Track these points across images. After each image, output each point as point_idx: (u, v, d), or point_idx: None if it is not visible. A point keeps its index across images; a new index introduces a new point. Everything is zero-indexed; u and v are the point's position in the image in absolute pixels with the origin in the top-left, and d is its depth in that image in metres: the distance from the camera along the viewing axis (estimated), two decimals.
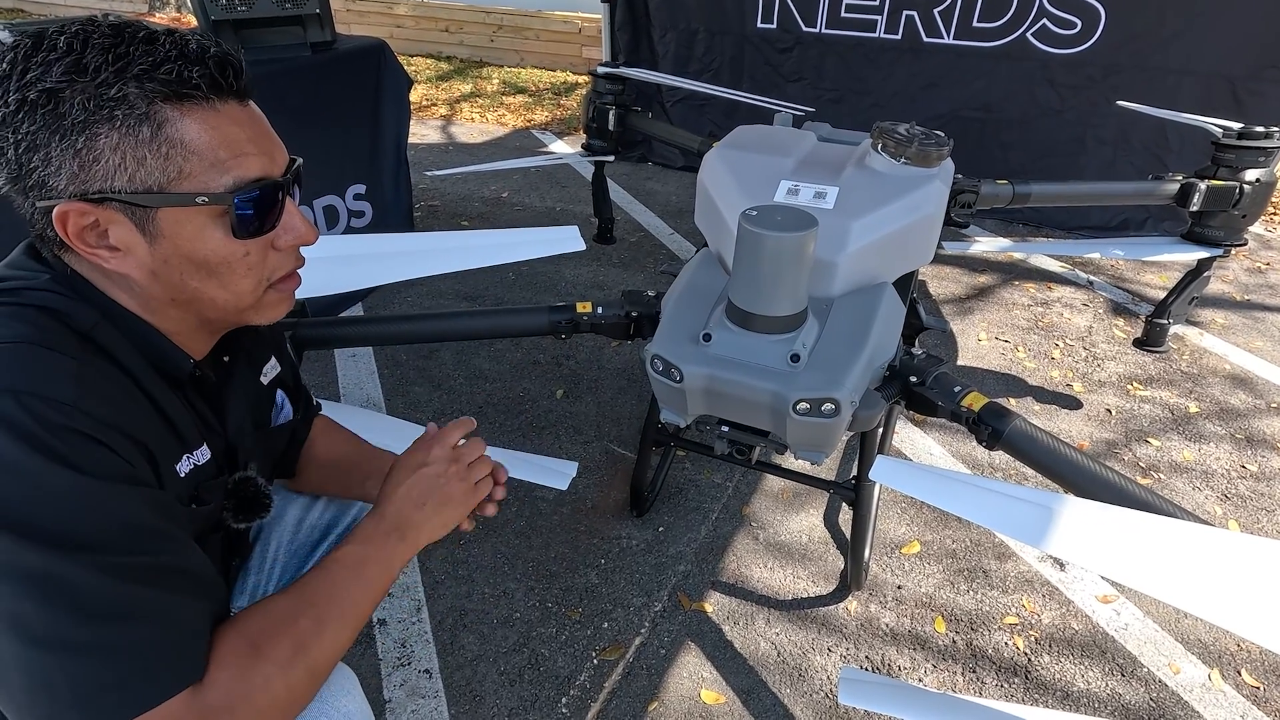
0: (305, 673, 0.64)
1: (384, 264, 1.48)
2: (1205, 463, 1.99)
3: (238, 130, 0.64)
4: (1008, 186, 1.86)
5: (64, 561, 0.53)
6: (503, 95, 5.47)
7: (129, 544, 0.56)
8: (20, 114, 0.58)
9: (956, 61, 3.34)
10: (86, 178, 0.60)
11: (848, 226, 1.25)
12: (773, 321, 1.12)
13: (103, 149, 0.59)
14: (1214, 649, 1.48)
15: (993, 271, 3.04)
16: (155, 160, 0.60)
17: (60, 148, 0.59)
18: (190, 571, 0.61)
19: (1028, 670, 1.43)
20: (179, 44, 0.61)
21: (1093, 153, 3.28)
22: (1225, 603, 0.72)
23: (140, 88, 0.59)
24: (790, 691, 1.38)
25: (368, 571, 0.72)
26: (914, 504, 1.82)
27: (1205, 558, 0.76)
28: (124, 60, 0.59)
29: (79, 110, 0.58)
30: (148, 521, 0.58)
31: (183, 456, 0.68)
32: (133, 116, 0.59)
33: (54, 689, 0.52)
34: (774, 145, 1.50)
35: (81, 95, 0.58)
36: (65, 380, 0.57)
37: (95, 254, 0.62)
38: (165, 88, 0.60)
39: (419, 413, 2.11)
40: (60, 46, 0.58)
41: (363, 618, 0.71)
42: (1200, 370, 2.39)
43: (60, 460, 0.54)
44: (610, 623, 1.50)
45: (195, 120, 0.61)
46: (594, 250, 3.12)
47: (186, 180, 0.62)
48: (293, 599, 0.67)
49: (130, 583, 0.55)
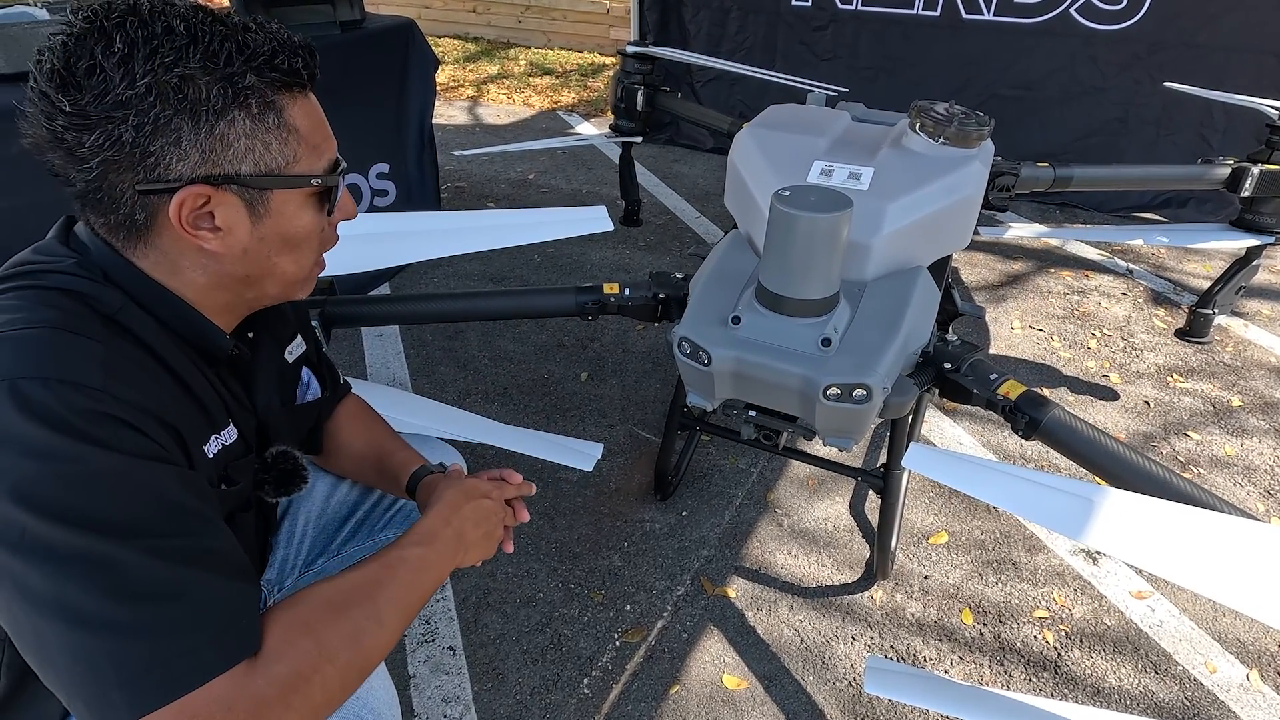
0: (357, 662, 0.64)
1: (411, 242, 1.48)
2: (1247, 458, 1.92)
3: (320, 117, 0.70)
4: (1049, 170, 1.80)
5: (104, 542, 0.53)
6: (529, 76, 5.44)
7: (167, 525, 0.56)
8: (152, 97, 0.58)
9: (997, 39, 3.24)
10: (215, 161, 0.62)
11: (883, 208, 1.22)
12: (804, 305, 1.10)
13: (237, 134, 0.62)
14: (1253, 649, 1.44)
15: (1027, 258, 2.97)
16: (278, 145, 0.64)
17: (194, 132, 0.60)
18: (224, 552, 0.61)
19: (1057, 665, 1.41)
20: (275, 35, 0.64)
21: (1135, 132, 3.18)
22: (1272, 600, 0.69)
23: (263, 77, 0.62)
24: (813, 679, 1.37)
25: (427, 575, 0.73)
26: (941, 493, 1.79)
27: (1252, 553, 0.73)
28: (248, 50, 0.61)
29: (216, 97, 0.60)
30: (184, 501, 0.58)
31: (210, 438, 0.69)
32: (262, 104, 0.63)
33: (99, 669, 0.52)
34: (807, 125, 1.46)
35: (219, 83, 0.60)
36: (92, 365, 0.57)
37: (198, 235, 0.63)
38: (284, 77, 0.64)
39: (445, 393, 2.12)
40: (179, 31, 0.59)
41: (414, 614, 0.71)
42: (1244, 363, 2.31)
43: (94, 443, 0.54)
44: (633, 605, 1.50)
45: (300, 108, 0.66)
46: (620, 232, 3.10)
47: (299, 163, 0.66)
48: (351, 587, 0.66)
49: (171, 562, 0.55)
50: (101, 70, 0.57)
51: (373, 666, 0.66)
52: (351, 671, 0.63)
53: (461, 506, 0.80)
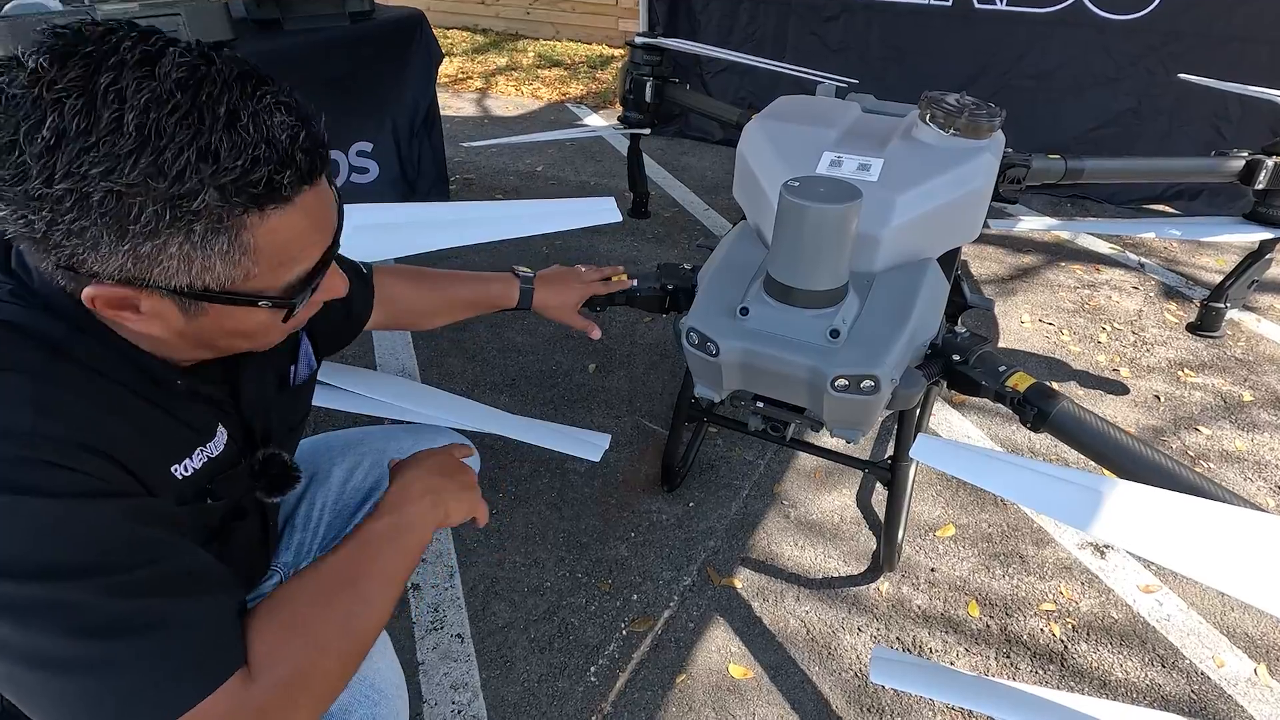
0: (353, 647, 0.64)
1: (419, 233, 1.48)
2: (1258, 453, 1.91)
3: (307, 222, 0.59)
4: (1060, 162, 1.79)
5: (57, 588, 0.51)
6: (538, 68, 5.43)
7: (119, 559, 0.54)
8: (68, 203, 0.49)
9: (1010, 29, 3.21)
10: (140, 272, 0.54)
11: (892, 200, 1.21)
12: (813, 296, 1.10)
13: (170, 254, 0.53)
14: (1261, 643, 1.43)
15: (1037, 252, 2.95)
16: (223, 266, 0.56)
17: (116, 245, 0.52)
18: (195, 571, 0.58)
19: (1064, 658, 1.41)
20: (266, 133, 0.53)
21: (1148, 123, 3.15)
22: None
23: (224, 200, 0.52)
24: (819, 669, 1.37)
25: (406, 541, 0.72)
26: (948, 486, 1.79)
27: (1262, 546, 0.73)
28: (210, 162, 0.51)
29: (150, 218, 0.51)
30: (133, 532, 0.55)
31: (183, 458, 0.66)
32: (210, 227, 0.53)
33: (83, 710, 0.51)
34: (816, 116, 1.46)
35: (156, 204, 0.51)
36: (18, 407, 0.53)
37: (118, 316, 0.57)
38: (252, 201, 0.54)
39: (453, 383, 2.13)
40: (128, 124, 0.48)
41: (402, 584, 0.71)
42: (1256, 357, 2.30)
43: (26, 491, 0.51)
44: (640, 595, 1.51)
45: (271, 224, 0.56)
46: (628, 225, 3.10)
47: (250, 281, 0.58)
48: (331, 573, 0.66)
49: (131, 596, 0.53)
50: (20, 153, 0.48)
51: (369, 646, 0.66)
52: (349, 656, 0.63)
53: (423, 463, 0.79)
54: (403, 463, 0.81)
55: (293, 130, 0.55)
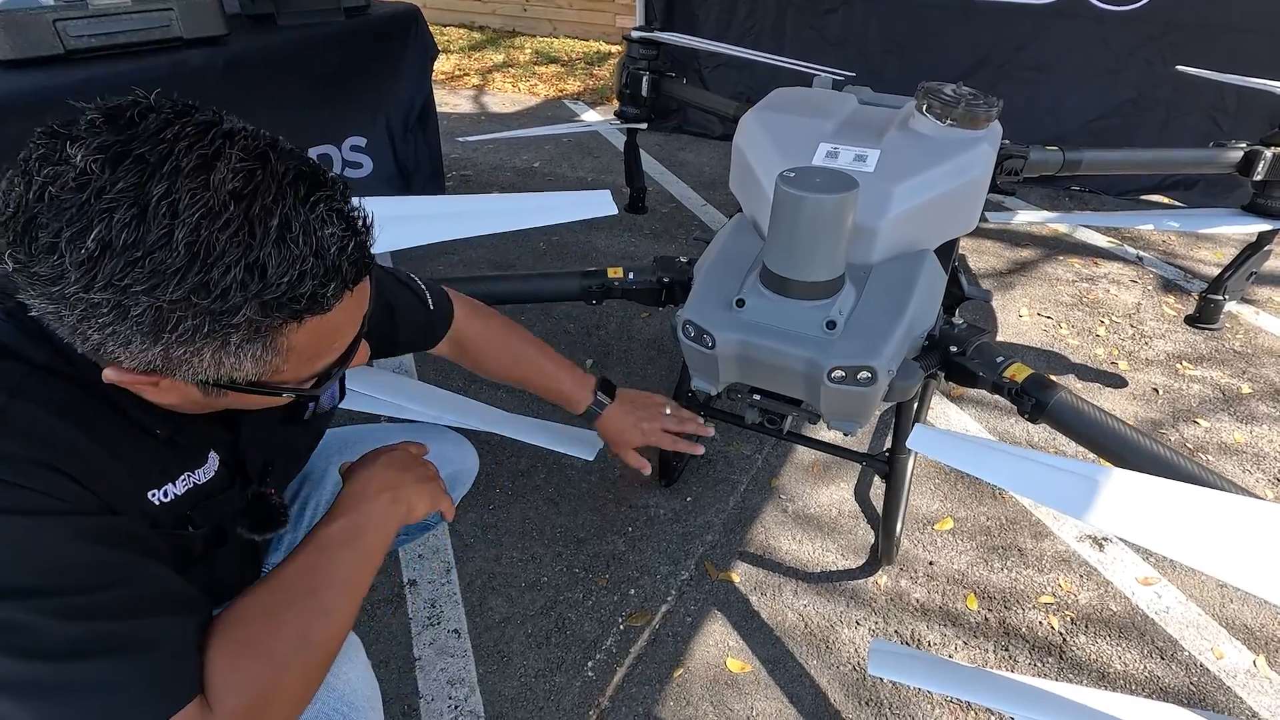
0: (315, 660, 0.62)
1: (416, 226, 1.47)
2: (1257, 445, 1.91)
3: (342, 320, 0.57)
4: (1057, 153, 1.79)
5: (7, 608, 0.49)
6: (535, 65, 5.41)
7: (70, 581, 0.52)
8: (106, 310, 0.47)
9: (1008, 21, 3.21)
10: (166, 368, 0.52)
11: (889, 191, 1.21)
12: (809, 287, 1.10)
13: (203, 358, 0.52)
14: (1260, 635, 1.43)
15: (1036, 246, 2.94)
16: (253, 366, 0.54)
17: (149, 347, 0.50)
18: (157, 594, 0.56)
19: (1062, 650, 1.40)
20: (315, 245, 0.50)
21: (1146, 115, 3.15)
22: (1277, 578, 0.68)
23: (266, 315, 0.51)
24: (817, 663, 1.37)
25: (365, 543, 0.69)
26: (947, 479, 1.78)
27: (1259, 533, 0.73)
28: (257, 279, 0.48)
29: (188, 330, 0.49)
30: (92, 553, 0.53)
31: (165, 483, 0.64)
32: (248, 338, 0.52)
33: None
34: (813, 107, 1.45)
35: (197, 318, 0.49)
36: None
37: (137, 386, 0.55)
38: (293, 316, 0.52)
39: (450, 381, 2.12)
40: (178, 242, 0.46)
41: (365, 587, 0.68)
42: (1255, 350, 2.29)
43: None
44: (637, 590, 1.50)
45: (308, 329, 0.55)
46: (626, 220, 3.09)
47: (277, 375, 0.57)
48: (284, 585, 0.64)
49: (83, 619, 0.51)
50: (60, 257, 0.46)
51: (332, 657, 0.64)
52: (310, 671, 0.61)
53: (377, 460, 0.77)
54: (354, 463, 0.78)
55: (342, 242, 0.53)
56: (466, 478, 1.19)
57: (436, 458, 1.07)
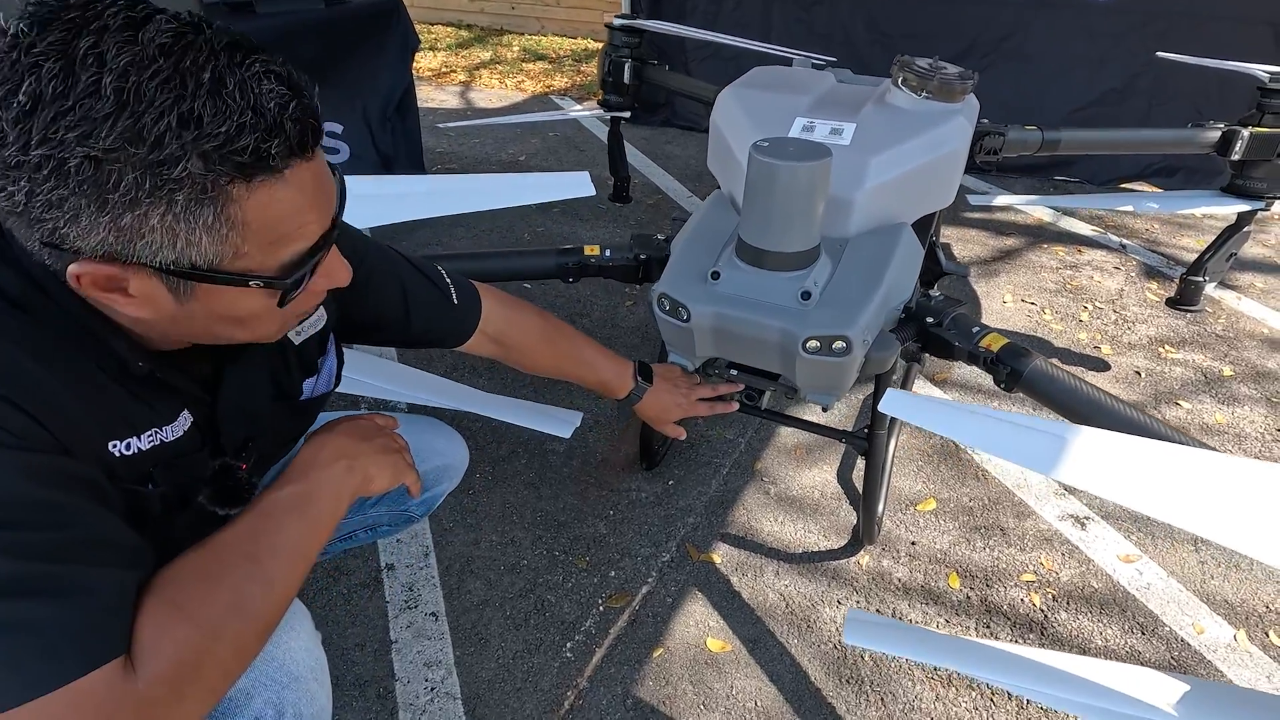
0: (250, 629, 0.60)
1: (394, 204, 1.46)
2: (1238, 425, 1.91)
3: (301, 198, 0.56)
4: (1036, 132, 1.79)
5: None
6: (522, 62, 5.40)
7: (15, 517, 0.51)
8: (46, 172, 0.47)
9: (994, 11, 3.23)
10: (122, 246, 0.51)
11: (865, 162, 1.20)
12: (784, 258, 1.09)
13: (152, 226, 0.50)
14: (1241, 610, 1.43)
15: (1020, 234, 2.95)
16: (210, 240, 0.53)
17: (96, 216, 0.49)
18: (100, 540, 0.55)
19: (1044, 626, 1.40)
20: (253, 100, 0.50)
21: (1130, 103, 3.17)
22: (1252, 530, 0.68)
23: (208, 169, 0.49)
24: (798, 641, 1.36)
25: (315, 511, 0.67)
26: (930, 461, 1.78)
27: (1233, 487, 0.72)
28: (192, 128, 0.48)
29: (130, 187, 0.48)
30: (39, 492, 0.52)
31: (128, 436, 0.62)
32: (194, 198, 0.50)
33: None
34: (791, 84, 1.45)
35: (136, 171, 0.48)
36: None
37: (108, 299, 0.54)
38: (238, 170, 0.51)
39: (432, 364, 2.10)
40: (106, 88, 0.46)
41: (312, 557, 0.66)
42: (1236, 333, 2.30)
43: None
44: (617, 571, 1.49)
45: (261, 197, 0.53)
46: (610, 210, 3.08)
47: (240, 259, 0.55)
48: (223, 549, 0.62)
49: (23, 559, 0.50)
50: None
51: (271, 628, 0.62)
52: (246, 640, 0.59)
53: (336, 428, 0.74)
54: (314, 430, 0.76)
55: (282, 99, 0.52)
56: (455, 473, 1.16)
57: (425, 449, 1.05)
